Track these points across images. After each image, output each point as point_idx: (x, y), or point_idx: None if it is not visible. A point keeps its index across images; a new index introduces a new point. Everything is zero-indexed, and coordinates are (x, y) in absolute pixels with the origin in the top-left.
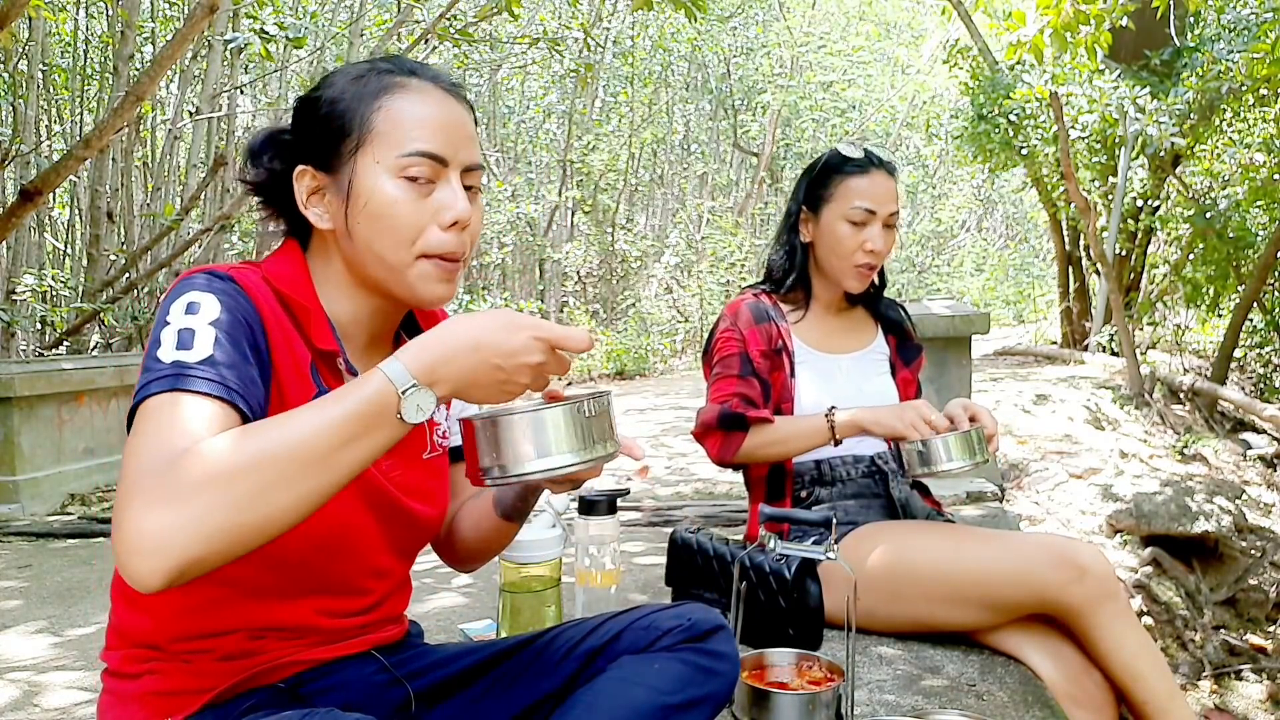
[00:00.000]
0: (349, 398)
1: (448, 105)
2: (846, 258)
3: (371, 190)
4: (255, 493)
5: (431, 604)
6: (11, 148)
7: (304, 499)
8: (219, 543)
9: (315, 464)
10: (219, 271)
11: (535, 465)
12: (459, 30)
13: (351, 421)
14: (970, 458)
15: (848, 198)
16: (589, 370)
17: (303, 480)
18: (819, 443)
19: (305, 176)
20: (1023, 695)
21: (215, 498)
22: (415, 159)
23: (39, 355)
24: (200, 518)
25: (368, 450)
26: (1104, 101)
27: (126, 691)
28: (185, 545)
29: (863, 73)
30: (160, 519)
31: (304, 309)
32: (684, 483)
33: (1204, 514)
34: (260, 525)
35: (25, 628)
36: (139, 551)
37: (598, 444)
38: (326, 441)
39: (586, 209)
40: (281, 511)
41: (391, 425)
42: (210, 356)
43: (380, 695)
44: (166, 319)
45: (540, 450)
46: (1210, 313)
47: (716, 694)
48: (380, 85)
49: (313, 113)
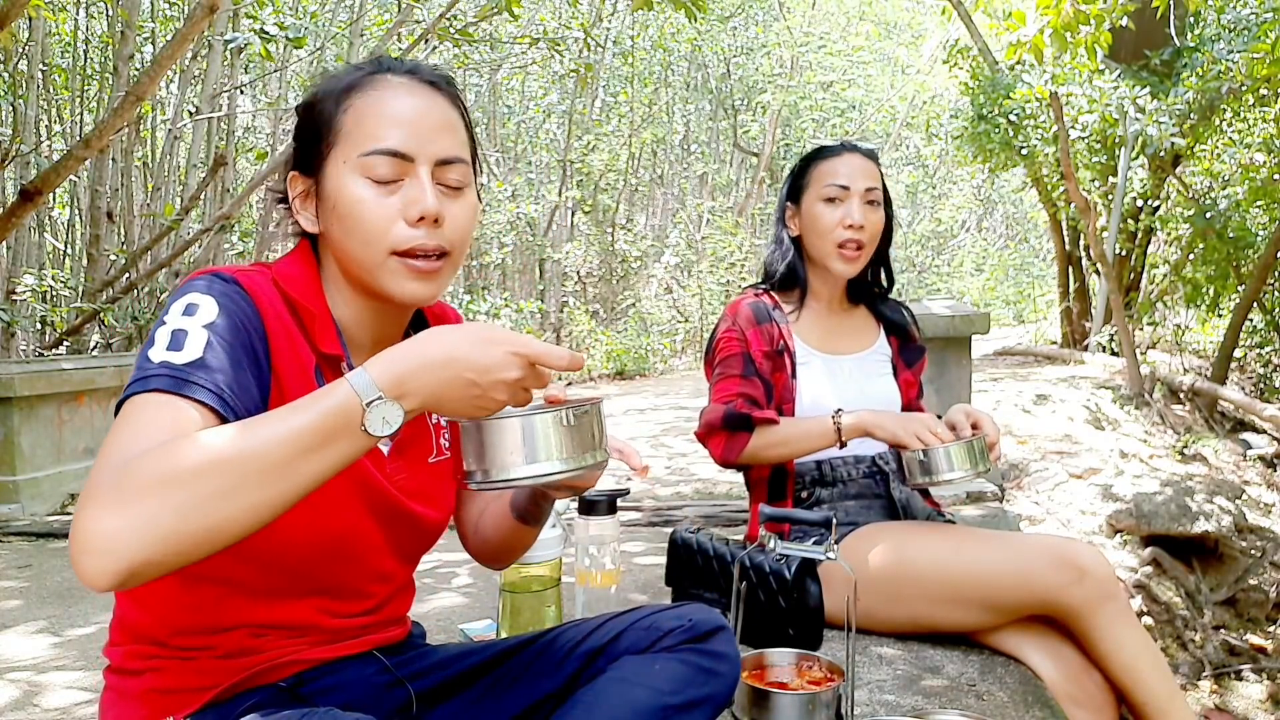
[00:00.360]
0: (312, 408)
1: (417, 98)
2: (826, 236)
3: (339, 191)
4: (204, 499)
5: (431, 604)
6: (11, 148)
7: (256, 508)
8: (166, 547)
9: (270, 473)
10: (225, 274)
11: (519, 472)
12: (459, 30)
13: (312, 432)
14: (972, 467)
15: (821, 178)
16: (589, 370)
17: (256, 489)
18: (824, 445)
19: (296, 182)
20: (1023, 695)
21: (163, 502)
22: (376, 157)
23: (39, 355)
24: (147, 522)
25: (328, 462)
26: (1104, 101)
27: (128, 688)
28: (131, 548)
29: (863, 73)
30: (109, 521)
31: (309, 312)
32: (684, 483)
33: (1204, 514)
34: (209, 532)
35: (25, 628)
36: (87, 551)
37: (585, 453)
38: (284, 451)
39: (586, 209)
40: (230, 520)
41: (355, 438)
42: (200, 359)
43: (381, 696)
44: (165, 319)
45: (527, 457)
46: (1210, 313)
47: (717, 695)
48: (349, 83)
49: (300, 117)
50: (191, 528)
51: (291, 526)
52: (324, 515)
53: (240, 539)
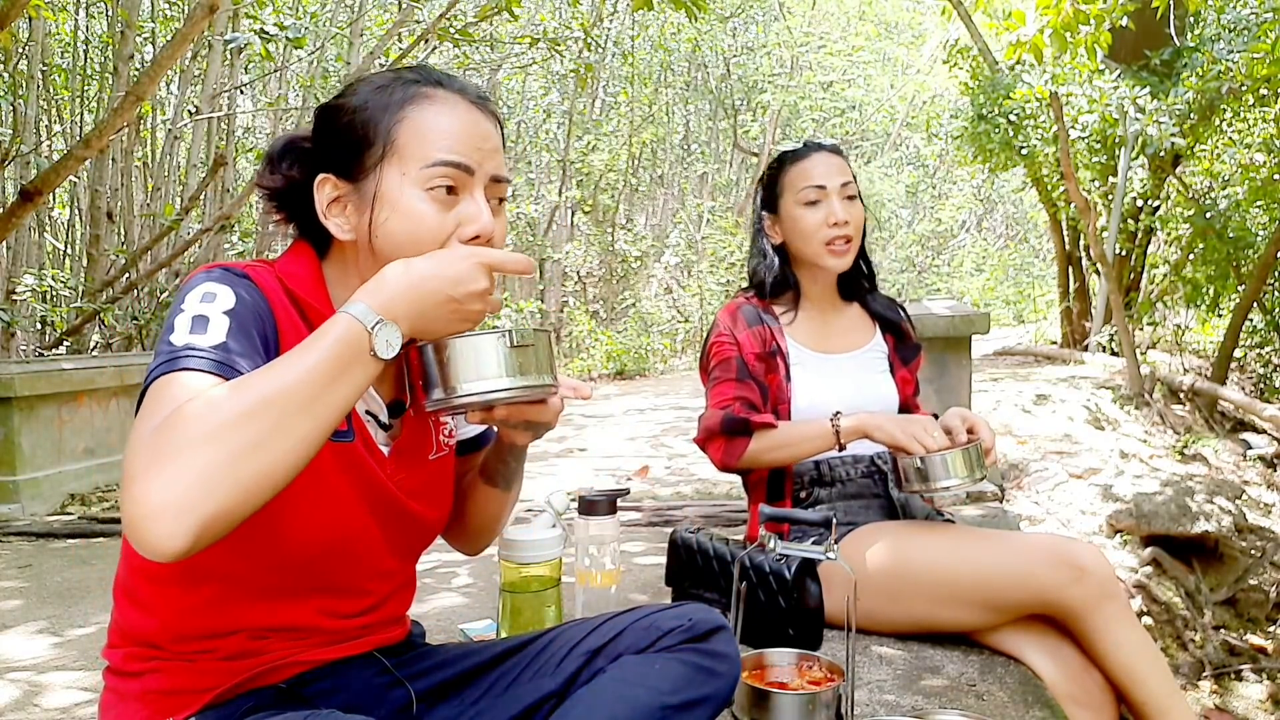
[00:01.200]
0: (322, 341)
1: (473, 116)
2: (813, 238)
3: (396, 203)
4: (252, 443)
5: (431, 604)
6: (11, 148)
7: (301, 442)
8: (229, 495)
9: (305, 407)
10: (235, 269)
11: (472, 388)
12: (459, 30)
13: (330, 362)
14: (969, 474)
15: (795, 184)
16: (589, 370)
17: (297, 424)
18: (824, 447)
19: (326, 185)
20: (1023, 695)
21: (215, 452)
22: (440, 169)
23: (39, 355)
24: (206, 474)
25: (350, 389)
26: (1104, 101)
27: (128, 690)
28: (198, 503)
29: (863, 73)
30: (169, 482)
31: (314, 309)
32: (684, 483)
33: (1204, 514)
34: (264, 473)
35: (25, 628)
36: (153, 517)
37: (535, 374)
38: (311, 384)
39: (586, 209)
40: (282, 456)
41: (366, 362)
42: (224, 343)
43: (381, 696)
44: (182, 307)
45: (479, 373)
46: (1210, 313)
47: (717, 694)
48: (405, 95)
49: (335, 122)
50: (248, 471)
51: (294, 524)
52: (326, 514)
53: (291, 477)
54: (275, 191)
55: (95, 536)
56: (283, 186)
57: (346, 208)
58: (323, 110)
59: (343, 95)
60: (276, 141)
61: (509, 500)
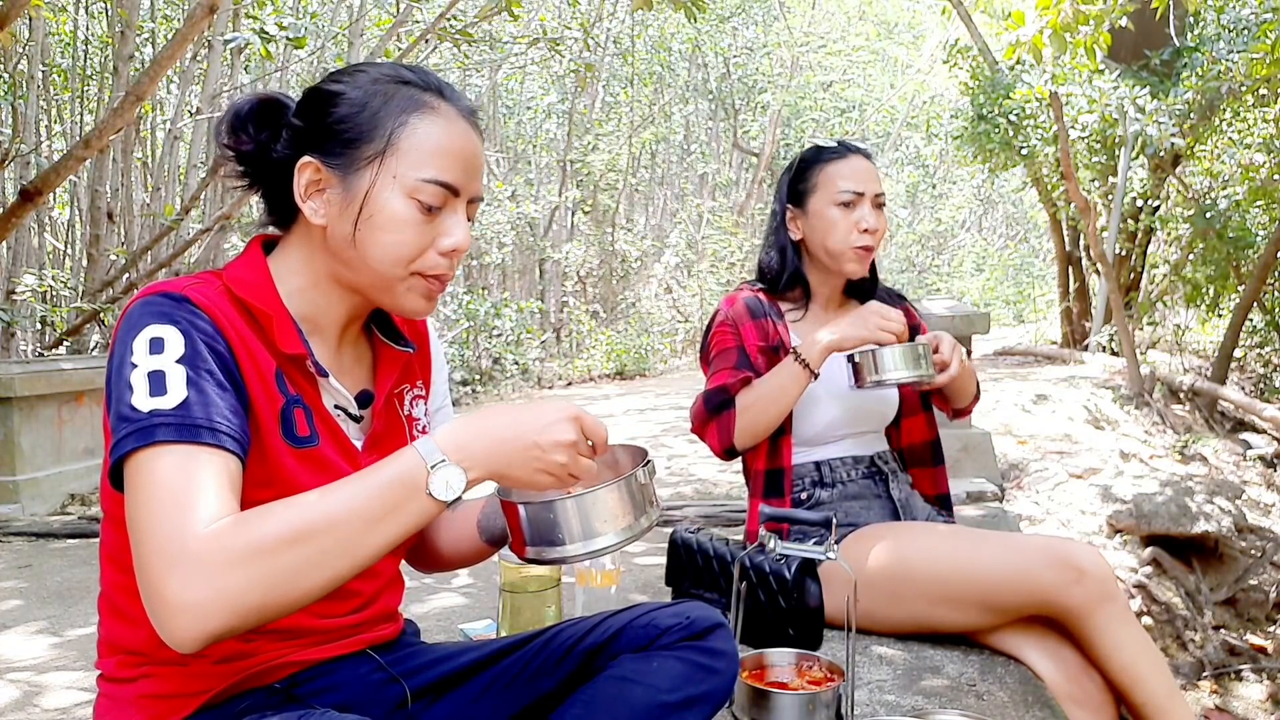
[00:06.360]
0: (379, 473)
1: (469, 137)
2: (843, 241)
3: (383, 205)
4: (290, 572)
5: (431, 604)
6: (11, 148)
7: (336, 577)
8: (253, 615)
9: (347, 544)
10: (173, 292)
11: (579, 549)
12: (459, 30)
13: (381, 496)
14: (914, 369)
15: (833, 183)
16: (589, 370)
17: (336, 560)
18: (803, 383)
19: (309, 169)
20: (1023, 695)
21: (251, 576)
22: (433, 187)
23: (39, 355)
24: (237, 594)
25: (398, 528)
26: (1104, 101)
27: (122, 695)
28: (223, 617)
29: (863, 73)
30: (200, 591)
31: (266, 315)
32: (684, 483)
33: (1204, 514)
34: (294, 601)
35: (25, 628)
36: (179, 616)
37: (640, 516)
38: (358, 519)
39: (586, 209)
40: (314, 588)
41: (421, 501)
42: (185, 400)
43: (376, 694)
44: (131, 359)
45: (586, 533)
46: (1210, 313)
47: (715, 692)
48: (410, 100)
49: (330, 107)
50: (276, 597)
51: None
52: None
53: (316, 602)
54: (243, 155)
55: (95, 536)
56: (252, 150)
57: (326, 195)
58: (315, 93)
59: (338, 81)
60: (244, 100)
61: (496, 551)
